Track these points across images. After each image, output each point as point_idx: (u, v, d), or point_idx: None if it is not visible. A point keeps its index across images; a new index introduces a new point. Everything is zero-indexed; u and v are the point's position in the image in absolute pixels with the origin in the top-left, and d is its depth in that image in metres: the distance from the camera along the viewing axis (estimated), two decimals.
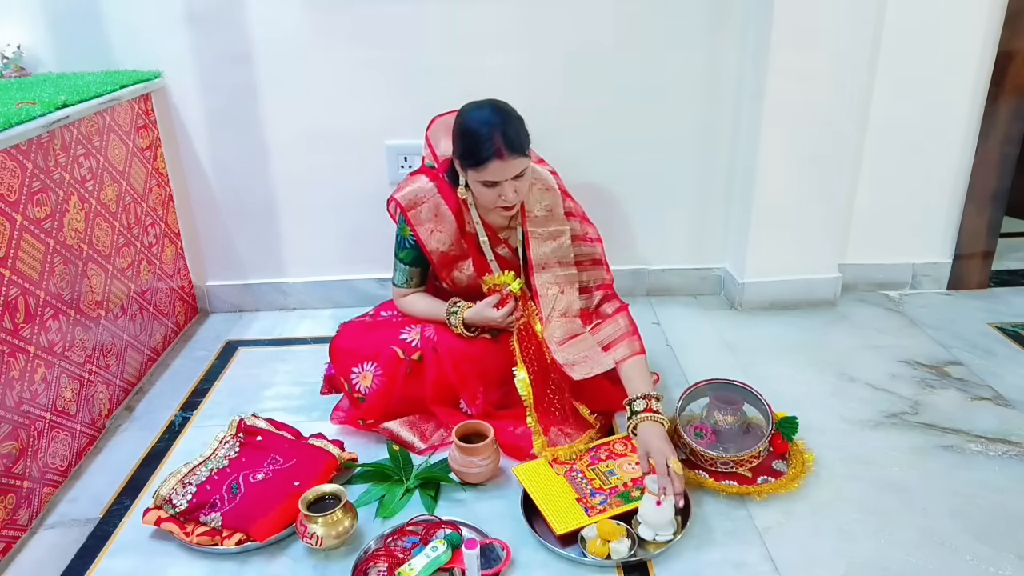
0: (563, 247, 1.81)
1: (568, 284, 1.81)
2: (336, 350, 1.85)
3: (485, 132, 1.59)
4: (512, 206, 1.69)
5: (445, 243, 1.80)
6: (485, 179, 1.63)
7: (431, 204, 1.78)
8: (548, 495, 1.54)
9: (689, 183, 2.41)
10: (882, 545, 1.44)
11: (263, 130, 2.29)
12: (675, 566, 1.41)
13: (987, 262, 2.52)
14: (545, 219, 1.79)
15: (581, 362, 1.72)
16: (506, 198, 1.65)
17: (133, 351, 2.04)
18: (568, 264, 1.82)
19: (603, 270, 1.86)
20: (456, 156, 1.69)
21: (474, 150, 1.61)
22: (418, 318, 1.86)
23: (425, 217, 1.78)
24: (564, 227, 1.81)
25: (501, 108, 1.66)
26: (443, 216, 1.78)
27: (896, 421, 1.83)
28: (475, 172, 1.64)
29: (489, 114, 1.63)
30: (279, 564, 1.44)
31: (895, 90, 2.28)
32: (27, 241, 1.55)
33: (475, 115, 1.64)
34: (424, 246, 1.79)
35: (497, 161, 1.59)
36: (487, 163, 1.60)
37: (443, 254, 1.81)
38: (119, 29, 2.16)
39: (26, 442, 1.54)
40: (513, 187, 1.64)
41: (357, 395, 1.80)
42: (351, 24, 2.17)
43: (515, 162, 1.61)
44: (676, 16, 2.20)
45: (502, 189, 1.64)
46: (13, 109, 1.61)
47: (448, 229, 1.79)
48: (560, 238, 1.80)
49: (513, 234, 1.83)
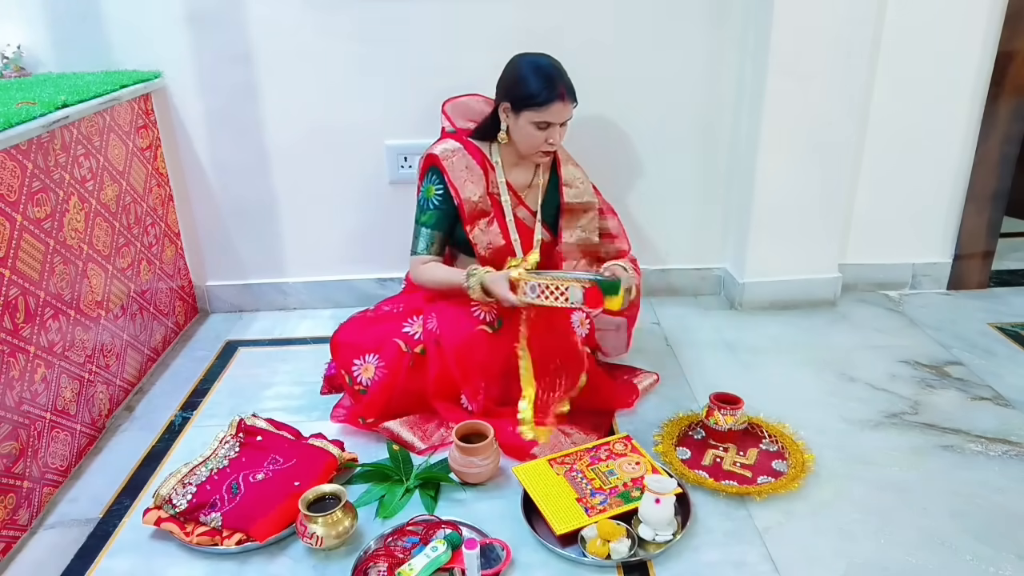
0: (592, 220, 1.95)
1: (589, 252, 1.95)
2: (337, 343, 1.86)
3: (550, 75, 1.73)
4: (551, 151, 1.82)
5: (476, 193, 1.85)
6: (542, 119, 1.74)
7: (461, 156, 1.86)
8: (548, 495, 1.54)
9: (689, 183, 2.41)
10: (882, 545, 1.44)
11: (263, 130, 2.29)
12: (675, 566, 1.41)
13: (987, 262, 2.52)
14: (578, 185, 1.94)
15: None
16: (553, 141, 1.78)
17: (133, 351, 2.04)
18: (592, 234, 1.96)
19: (622, 242, 2.02)
20: (508, 99, 1.78)
21: (538, 91, 1.72)
22: (434, 287, 1.87)
23: (458, 167, 1.85)
24: (594, 200, 1.96)
25: (550, 57, 1.80)
26: (473, 168, 1.86)
27: (896, 421, 1.83)
28: (534, 112, 1.74)
29: (551, 62, 1.78)
30: (279, 564, 1.44)
31: (895, 90, 2.28)
32: (27, 241, 1.55)
33: (539, 60, 1.77)
34: (459, 194, 1.84)
35: (559, 103, 1.73)
36: (550, 103, 1.72)
37: (474, 205, 1.85)
38: (119, 29, 2.16)
39: (26, 442, 1.54)
40: (560, 132, 1.78)
41: (358, 387, 1.80)
42: (351, 24, 2.18)
43: (570, 107, 1.77)
44: (676, 16, 2.20)
45: (551, 132, 1.76)
46: (13, 109, 1.61)
47: (479, 181, 1.86)
48: (591, 211, 1.95)
49: (532, 194, 1.92)
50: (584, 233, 1.94)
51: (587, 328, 1.88)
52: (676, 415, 1.84)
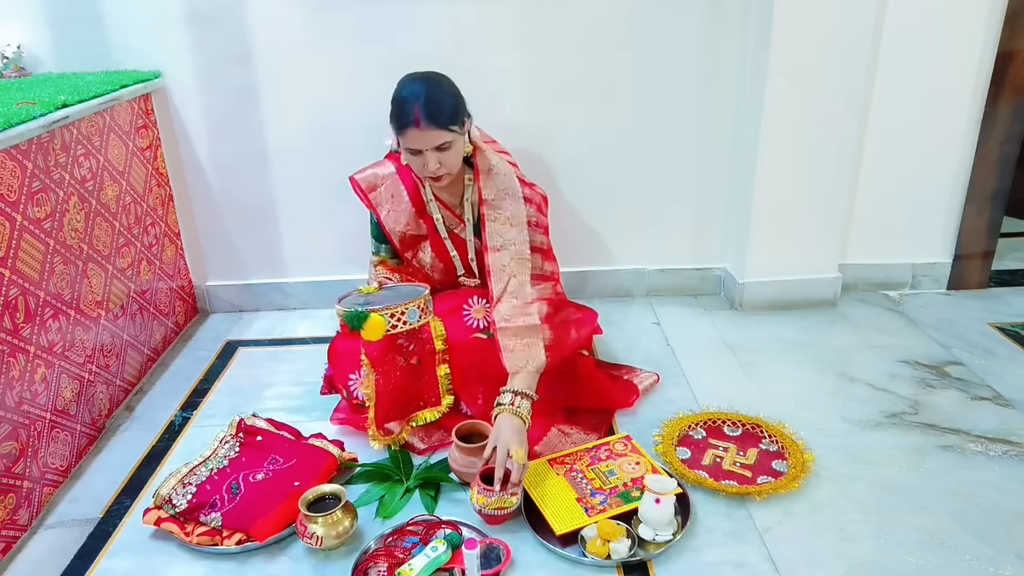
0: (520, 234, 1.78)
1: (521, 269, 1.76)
2: (335, 354, 1.85)
3: (409, 100, 1.64)
4: (439, 177, 1.71)
5: (401, 223, 1.86)
6: (407, 145, 1.68)
7: (389, 185, 1.85)
8: (548, 495, 1.54)
9: (689, 183, 2.41)
10: (882, 545, 1.44)
11: (263, 130, 2.29)
12: (675, 566, 1.41)
13: (987, 262, 2.52)
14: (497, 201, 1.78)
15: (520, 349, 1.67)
16: (428, 168, 1.68)
17: (133, 351, 2.04)
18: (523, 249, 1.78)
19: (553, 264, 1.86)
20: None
21: (396, 116, 1.66)
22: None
23: (383, 199, 1.85)
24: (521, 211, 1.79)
25: (432, 79, 1.69)
26: (399, 197, 1.84)
27: (896, 421, 1.83)
28: (400, 138, 1.69)
29: (417, 84, 1.67)
30: (279, 564, 1.44)
31: (895, 90, 2.28)
32: (27, 241, 1.55)
33: (405, 84, 1.69)
34: (383, 226, 1.85)
35: (414, 129, 1.63)
36: (405, 130, 1.65)
37: (402, 234, 1.87)
38: (119, 29, 2.16)
39: (26, 442, 1.54)
40: (436, 158, 1.67)
41: (356, 402, 1.79)
42: (352, 24, 2.17)
43: (432, 133, 1.63)
44: (676, 16, 2.20)
45: (425, 159, 1.67)
46: (13, 109, 1.61)
47: (404, 210, 1.85)
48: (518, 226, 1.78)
49: (464, 210, 1.86)
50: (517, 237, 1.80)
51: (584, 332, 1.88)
52: (676, 415, 1.84)
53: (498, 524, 1.50)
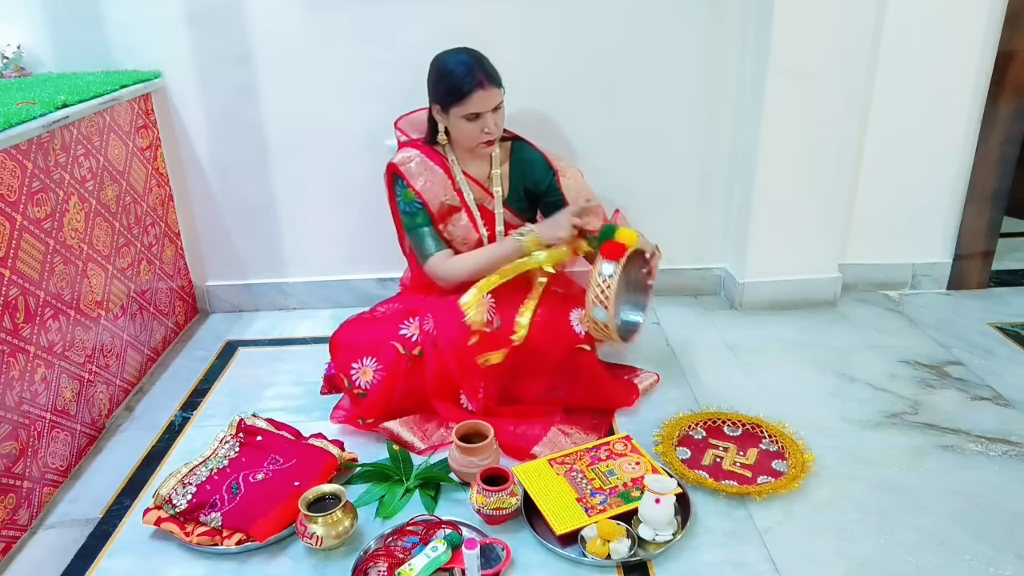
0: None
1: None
2: (336, 346, 1.86)
3: (466, 67, 1.76)
4: (493, 140, 1.82)
5: (439, 194, 1.88)
6: (469, 111, 1.76)
7: (419, 160, 1.89)
8: (548, 495, 1.54)
9: (689, 183, 2.41)
10: (882, 545, 1.44)
11: (263, 130, 2.29)
12: (675, 566, 1.41)
13: (987, 262, 2.52)
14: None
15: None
16: (488, 130, 1.78)
17: (133, 351, 2.04)
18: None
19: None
20: (436, 101, 1.82)
21: (458, 85, 1.75)
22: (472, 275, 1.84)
23: (416, 171, 1.88)
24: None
25: (468, 48, 1.82)
26: (432, 170, 1.88)
27: (896, 421, 1.83)
28: (459, 107, 1.76)
29: (462, 53, 1.80)
30: (279, 564, 1.44)
31: (895, 90, 2.28)
32: (27, 241, 1.55)
33: (453, 57, 1.80)
34: (422, 197, 1.86)
35: (480, 91, 1.74)
36: (471, 94, 1.74)
37: (441, 204, 1.88)
38: (119, 29, 2.16)
39: (26, 442, 1.54)
40: (493, 119, 1.79)
41: (358, 391, 1.80)
42: (351, 24, 2.18)
43: (495, 92, 1.78)
44: (676, 16, 2.20)
45: (484, 121, 1.78)
46: (13, 109, 1.61)
47: (439, 179, 1.88)
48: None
49: (495, 182, 1.92)
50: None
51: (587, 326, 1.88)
52: (676, 415, 1.84)
53: (498, 524, 1.50)
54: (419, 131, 1.97)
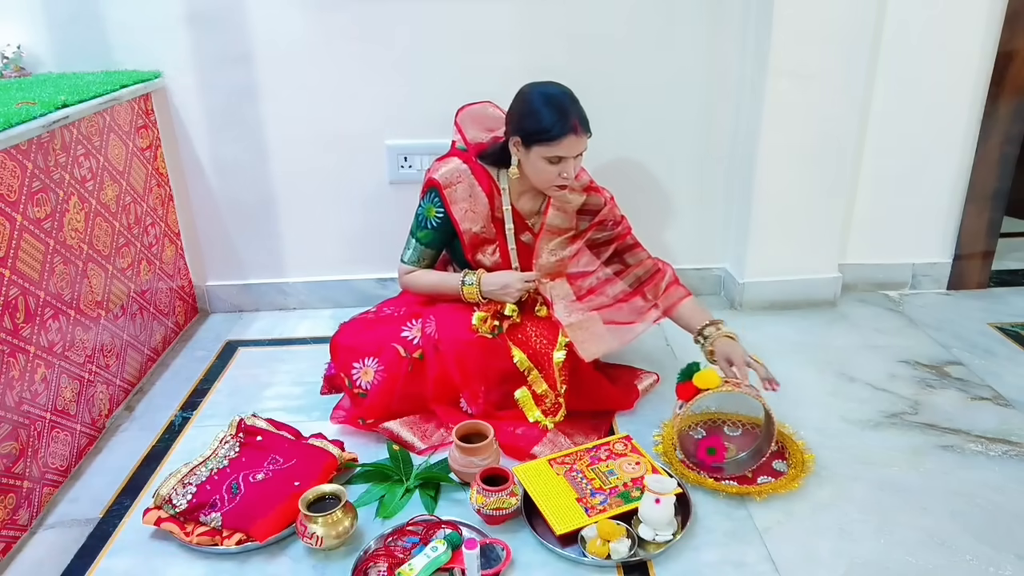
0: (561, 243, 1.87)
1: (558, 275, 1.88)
2: (337, 346, 1.86)
3: (560, 109, 1.66)
4: (567, 186, 1.74)
5: (478, 223, 1.83)
6: (554, 154, 1.67)
7: (466, 184, 1.81)
8: (548, 495, 1.54)
9: (689, 183, 2.41)
10: (882, 545, 1.44)
11: (263, 130, 2.29)
12: (675, 566, 1.41)
13: (987, 262, 2.52)
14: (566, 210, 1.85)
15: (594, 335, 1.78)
16: (567, 175, 1.70)
17: (133, 351, 2.04)
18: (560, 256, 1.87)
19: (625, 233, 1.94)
20: (518, 132, 1.71)
21: (549, 126, 1.65)
22: (422, 292, 1.88)
23: (460, 196, 1.81)
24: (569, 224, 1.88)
25: (563, 86, 1.72)
26: (477, 197, 1.81)
27: (896, 421, 1.83)
28: (545, 147, 1.67)
29: (561, 92, 1.70)
30: (279, 564, 1.44)
31: (895, 90, 2.28)
32: (27, 241, 1.55)
33: (548, 91, 1.70)
34: (458, 224, 1.81)
35: (572, 136, 1.65)
36: (562, 138, 1.65)
37: (475, 235, 1.84)
38: (119, 29, 2.16)
39: (26, 442, 1.54)
40: (574, 165, 1.71)
41: (358, 391, 1.80)
42: (352, 24, 2.18)
43: (584, 140, 1.69)
44: (676, 16, 2.20)
45: (565, 166, 1.69)
46: (13, 109, 1.61)
47: (482, 210, 1.82)
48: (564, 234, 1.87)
49: (539, 219, 1.86)
50: (553, 257, 1.86)
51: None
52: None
53: (498, 524, 1.50)
54: (482, 126, 1.90)
